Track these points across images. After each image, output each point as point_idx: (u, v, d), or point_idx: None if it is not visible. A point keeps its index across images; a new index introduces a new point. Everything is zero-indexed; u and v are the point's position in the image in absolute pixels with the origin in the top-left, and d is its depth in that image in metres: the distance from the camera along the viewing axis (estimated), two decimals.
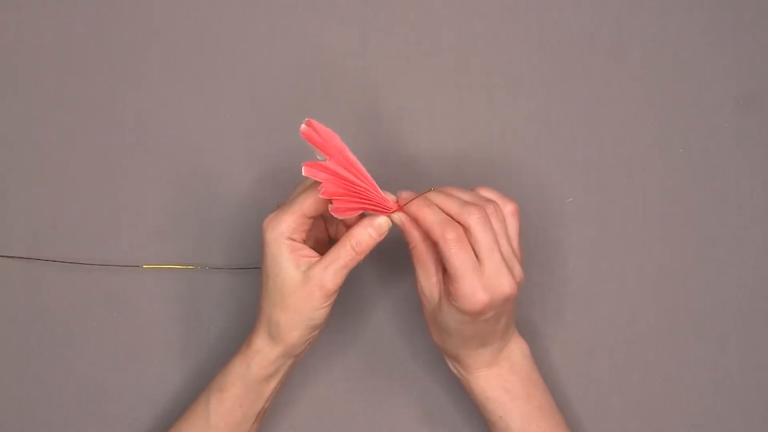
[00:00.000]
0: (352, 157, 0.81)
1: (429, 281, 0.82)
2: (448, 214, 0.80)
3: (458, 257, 0.78)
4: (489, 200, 0.81)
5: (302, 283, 0.81)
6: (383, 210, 0.81)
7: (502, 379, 0.85)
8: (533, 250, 0.95)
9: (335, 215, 0.79)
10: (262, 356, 0.84)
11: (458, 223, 0.79)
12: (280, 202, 0.85)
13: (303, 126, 0.80)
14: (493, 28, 0.98)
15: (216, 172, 0.97)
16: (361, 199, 0.81)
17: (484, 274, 0.79)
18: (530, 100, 0.97)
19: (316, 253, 0.83)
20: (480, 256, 0.79)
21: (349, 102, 0.97)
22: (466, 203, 0.80)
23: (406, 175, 0.96)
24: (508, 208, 0.82)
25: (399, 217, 0.81)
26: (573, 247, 0.96)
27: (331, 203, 0.80)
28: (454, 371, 0.87)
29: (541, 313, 0.95)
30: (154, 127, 0.97)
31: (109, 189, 0.97)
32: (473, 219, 0.79)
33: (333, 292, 0.81)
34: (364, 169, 0.81)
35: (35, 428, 0.95)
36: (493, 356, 0.85)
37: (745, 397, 0.95)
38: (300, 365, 0.95)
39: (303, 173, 0.79)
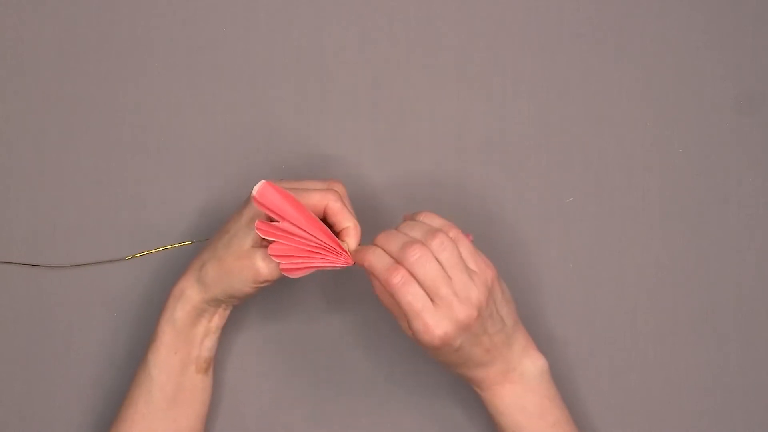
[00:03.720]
0: (309, 215, 0.81)
1: (403, 323, 0.82)
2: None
3: (405, 299, 0.79)
4: (437, 231, 0.80)
5: (245, 254, 0.83)
6: (336, 264, 0.82)
7: (516, 396, 0.85)
8: (533, 251, 0.95)
9: (286, 274, 0.81)
10: (186, 298, 0.86)
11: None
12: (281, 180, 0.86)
13: (254, 193, 0.80)
14: (493, 28, 0.98)
15: (216, 173, 0.97)
16: (312, 257, 0.81)
17: (436, 309, 0.79)
18: (530, 100, 0.97)
19: None
20: (428, 293, 0.79)
21: (348, 102, 0.97)
22: (405, 244, 0.80)
23: (405, 175, 0.96)
24: (452, 234, 0.81)
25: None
26: (573, 247, 0.96)
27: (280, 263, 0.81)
28: (473, 387, 0.87)
29: (542, 313, 0.95)
30: (154, 127, 0.97)
31: (109, 189, 0.97)
32: (411, 260, 0.79)
33: (264, 280, 0.83)
34: (322, 225, 0.81)
35: (35, 428, 0.95)
36: (504, 374, 0.84)
37: (745, 397, 0.94)
38: (296, 365, 0.95)
39: (256, 230, 0.80)
